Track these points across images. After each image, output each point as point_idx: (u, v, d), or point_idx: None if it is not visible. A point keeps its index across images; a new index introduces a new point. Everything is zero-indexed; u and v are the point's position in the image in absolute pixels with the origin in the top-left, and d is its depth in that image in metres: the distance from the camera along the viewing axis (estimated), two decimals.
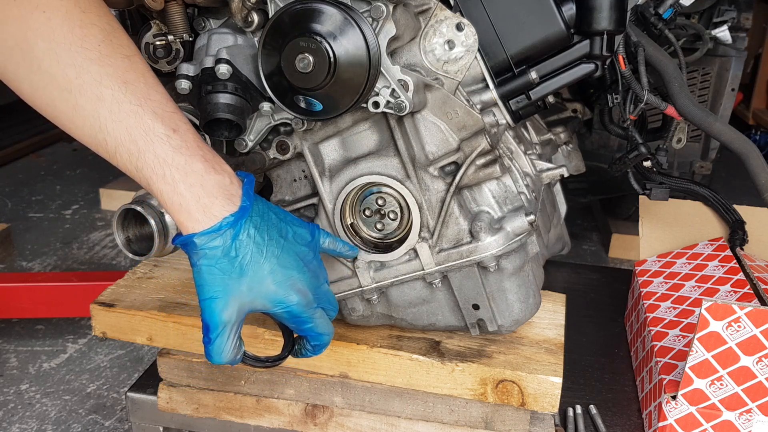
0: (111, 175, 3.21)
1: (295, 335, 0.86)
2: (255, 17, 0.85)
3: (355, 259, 0.94)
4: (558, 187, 1.32)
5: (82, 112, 0.70)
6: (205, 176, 0.72)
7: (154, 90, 0.72)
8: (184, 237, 0.73)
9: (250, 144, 0.91)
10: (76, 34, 0.68)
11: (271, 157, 0.94)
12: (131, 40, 0.74)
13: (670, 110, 1.13)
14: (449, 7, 0.88)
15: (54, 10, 0.68)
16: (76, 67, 0.68)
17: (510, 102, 0.93)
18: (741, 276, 1.17)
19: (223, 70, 0.83)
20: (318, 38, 0.78)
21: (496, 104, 0.92)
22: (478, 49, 0.88)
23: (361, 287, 0.96)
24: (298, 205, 0.97)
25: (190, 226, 0.72)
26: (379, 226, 0.94)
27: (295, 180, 0.98)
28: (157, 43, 0.91)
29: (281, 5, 0.81)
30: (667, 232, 1.36)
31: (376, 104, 0.83)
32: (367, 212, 0.93)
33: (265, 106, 0.88)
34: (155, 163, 0.70)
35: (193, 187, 0.71)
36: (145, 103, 0.70)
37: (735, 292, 1.14)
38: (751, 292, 1.12)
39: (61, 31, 0.68)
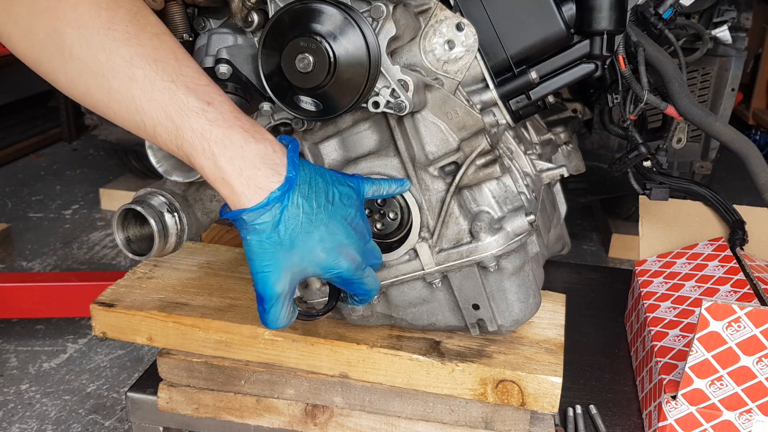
0: (111, 175, 3.21)
1: None
2: (255, 17, 0.85)
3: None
4: (558, 187, 1.33)
5: (116, 96, 0.70)
6: (245, 147, 0.71)
7: (185, 65, 0.71)
8: (232, 213, 0.72)
9: None
10: (103, 17, 0.68)
11: None
12: (158, 19, 0.73)
13: (670, 110, 1.13)
14: (449, 7, 0.88)
15: None
16: (106, 50, 0.68)
17: (510, 102, 0.93)
18: (741, 276, 1.17)
19: (223, 69, 0.83)
20: (318, 38, 0.78)
21: (496, 104, 0.92)
22: (478, 49, 0.88)
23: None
24: None
25: (236, 200, 0.71)
26: (379, 225, 0.94)
27: None
28: None
29: (281, 5, 0.81)
30: (667, 232, 1.36)
31: (376, 104, 0.83)
32: (367, 212, 0.93)
33: (265, 106, 0.88)
34: (193, 138, 0.70)
35: (234, 160, 0.70)
36: (178, 78, 0.70)
37: (735, 292, 1.14)
38: (751, 292, 1.12)
39: (88, 15, 0.68)
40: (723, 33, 1.89)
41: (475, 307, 0.95)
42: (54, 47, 0.69)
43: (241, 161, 0.70)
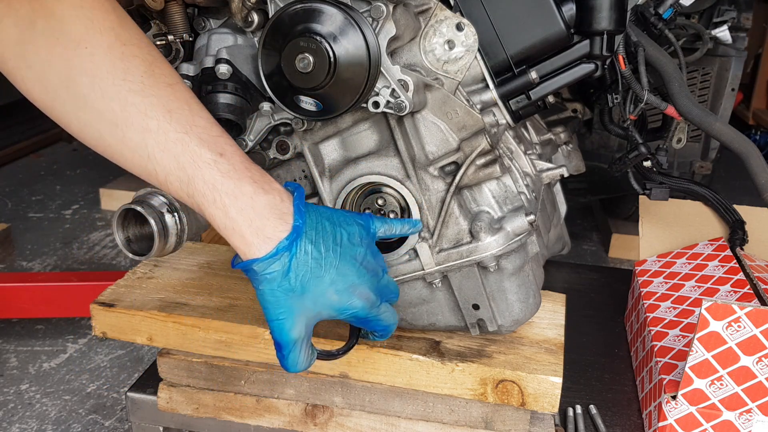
0: (111, 175, 3.21)
1: None
2: (255, 17, 0.85)
3: None
4: (558, 187, 1.33)
5: (130, 144, 0.71)
6: (255, 198, 0.72)
7: (198, 116, 0.72)
8: (243, 263, 0.74)
9: (250, 144, 0.91)
10: (118, 67, 0.69)
11: (271, 157, 0.94)
12: (172, 68, 0.74)
13: (670, 110, 1.13)
14: (449, 7, 0.88)
15: (96, 46, 0.69)
16: (120, 100, 0.69)
17: (510, 102, 0.93)
18: (741, 276, 1.17)
19: (223, 70, 0.83)
20: (318, 38, 0.78)
21: (496, 104, 0.92)
22: (478, 49, 0.88)
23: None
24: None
25: (246, 250, 0.73)
26: None
27: (295, 180, 0.98)
28: (158, 43, 0.91)
29: (281, 5, 0.81)
30: (667, 232, 1.36)
31: (376, 104, 0.83)
32: (368, 212, 0.93)
33: (265, 106, 0.88)
34: (205, 189, 0.71)
35: (244, 211, 0.71)
36: (191, 129, 0.71)
37: (735, 292, 1.14)
38: (751, 292, 1.12)
39: (104, 65, 0.69)
40: (723, 33, 1.89)
41: (475, 307, 0.95)
42: (68, 94, 0.70)
43: (251, 212, 0.72)
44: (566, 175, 1.14)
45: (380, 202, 0.92)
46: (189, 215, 0.91)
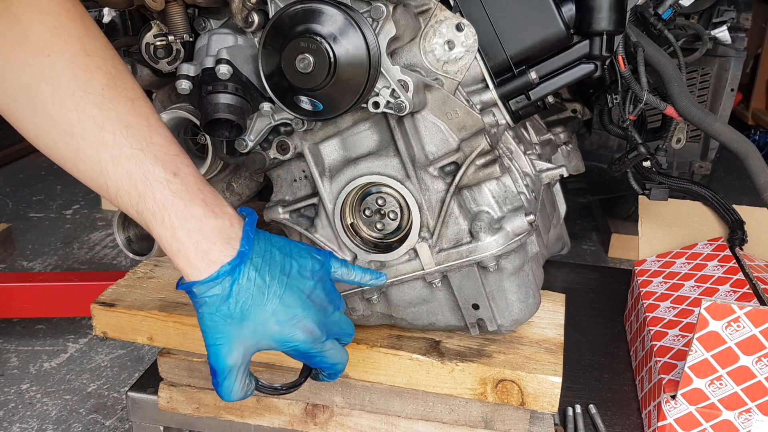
0: None
1: None
2: (255, 17, 0.85)
3: (354, 259, 0.95)
4: (558, 187, 1.33)
5: (83, 156, 0.70)
6: (204, 221, 0.71)
7: (156, 133, 0.72)
8: (185, 285, 0.73)
9: (251, 144, 0.92)
10: (80, 78, 0.68)
11: (272, 157, 0.94)
12: (136, 83, 0.74)
13: (670, 110, 1.13)
14: (449, 7, 0.89)
15: (59, 55, 0.68)
16: (78, 111, 0.68)
17: (510, 102, 0.93)
18: (740, 276, 1.17)
19: (224, 70, 0.83)
20: (318, 38, 0.78)
21: (495, 104, 0.92)
22: (478, 50, 0.88)
23: (361, 287, 0.96)
24: (299, 205, 0.97)
25: (190, 273, 0.72)
26: (379, 226, 0.94)
27: (295, 180, 0.98)
28: (158, 43, 0.91)
29: (281, 5, 0.81)
30: (666, 232, 1.36)
31: (376, 104, 0.83)
32: (367, 212, 0.94)
33: (266, 106, 0.88)
34: (155, 207, 0.70)
35: (191, 233, 0.71)
36: (147, 147, 0.70)
37: (734, 291, 1.14)
38: (751, 291, 1.13)
39: (65, 75, 0.68)
40: (722, 33, 1.90)
41: (475, 306, 0.95)
42: (26, 100, 0.69)
43: (199, 234, 0.71)
44: (566, 175, 1.14)
45: (380, 202, 0.93)
46: None
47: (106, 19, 0.95)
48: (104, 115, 0.69)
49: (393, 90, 0.82)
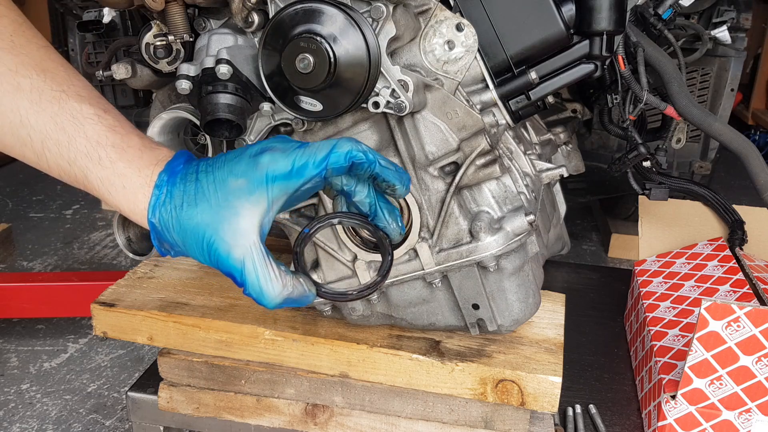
0: None
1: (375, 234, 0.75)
2: (255, 17, 0.85)
3: (354, 259, 0.95)
4: (558, 187, 1.33)
5: (0, 109, 0.64)
6: (144, 150, 0.67)
7: (75, 77, 0.67)
8: (150, 219, 0.66)
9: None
10: None
11: None
12: (40, 34, 0.69)
13: (670, 110, 1.13)
14: (449, 7, 0.89)
15: None
16: None
17: (510, 102, 0.93)
18: (740, 276, 1.17)
19: (224, 70, 0.83)
20: (318, 38, 0.78)
21: (495, 104, 0.92)
22: (478, 50, 0.88)
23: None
24: (299, 205, 0.97)
25: (142, 198, 0.65)
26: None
27: None
28: (158, 43, 0.91)
29: (281, 5, 0.81)
30: (666, 232, 1.36)
31: (376, 104, 0.83)
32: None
33: (266, 106, 0.88)
34: (88, 147, 0.64)
35: (133, 161, 0.65)
36: (69, 88, 0.65)
37: (734, 291, 1.14)
38: (751, 291, 1.13)
39: None
40: (722, 33, 1.90)
41: (475, 306, 0.95)
42: None
43: (140, 161, 0.66)
44: (566, 175, 1.14)
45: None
46: None
47: (106, 19, 0.95)
48: (17, 60, 0.64)
49: (393, 90, 0.82)
